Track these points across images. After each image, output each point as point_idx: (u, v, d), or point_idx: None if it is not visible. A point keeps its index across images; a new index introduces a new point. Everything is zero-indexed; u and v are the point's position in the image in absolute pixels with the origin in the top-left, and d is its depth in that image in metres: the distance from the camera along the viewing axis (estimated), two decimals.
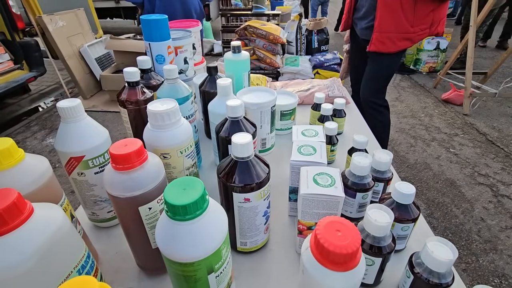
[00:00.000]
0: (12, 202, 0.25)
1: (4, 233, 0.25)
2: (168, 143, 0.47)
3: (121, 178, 0.37)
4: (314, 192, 0.41)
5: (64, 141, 0.44)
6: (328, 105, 0.75)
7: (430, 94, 2.78)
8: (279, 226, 0.55)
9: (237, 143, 0.40)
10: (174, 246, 0.30)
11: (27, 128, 2.62)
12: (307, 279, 0.29)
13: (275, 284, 0.45)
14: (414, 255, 0.40)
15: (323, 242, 0.26)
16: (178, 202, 0.28)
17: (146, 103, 0.59)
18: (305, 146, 0.52)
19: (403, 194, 0.43)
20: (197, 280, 0.32)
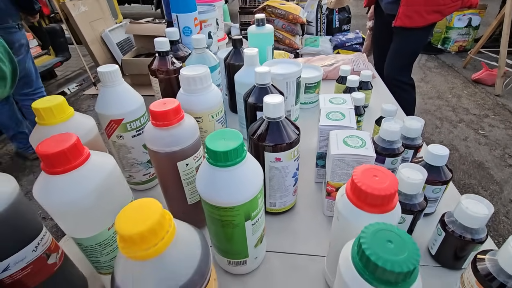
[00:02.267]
0: (73, 143, 0.27)
1: (69, 170, 0.27)
2: (200, 107, 0.49)
3: (161, 134, 0.39)
4: (345, 152, 0.42)
5: (105, 105, 0.47)
6: (354, 76, 0.74)
7: (459, 75, 2.63)
8: (306, 193, 0.56)
9: (269, 103, 0.41)
10: (216, 191, 0.32)
11: None
12: (342, 224, 0.30)
13: (303, 243, 0.46)
14: (446, 214, 0.40)
15: (361, 185, 0.27)
16: (219, 149, 0.30)
17: (176, 73, 0.61)
18: (334, 112, 0.52)
19: (436, 156, 0.43)
20: (235, 226, 0.34)
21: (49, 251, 0.33)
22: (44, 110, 0.35)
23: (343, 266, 0.24)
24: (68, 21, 2.90)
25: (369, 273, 0.22)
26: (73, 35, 3.04)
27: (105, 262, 0.33)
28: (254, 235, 0.37)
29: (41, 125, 0.36)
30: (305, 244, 0.46)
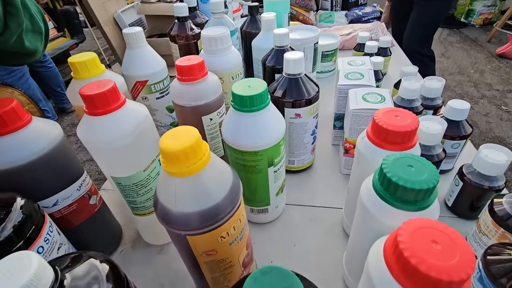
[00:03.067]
0: (112, 87, 0.30)
1: (108, 112, 0.30)
2: (221, 68, 0.50)
3: (187, 89, 0.41)
4: (364, 107, 0.42)
5: (130, 66, 0.49)
6: (373, 42, 0.73)
7: (482, 49, 2.50)
8: (323, 154, 0.57)
9: (290, 59, 0.42)
10: (241, 136, 0.34)
11: None
12: (363, 166, 0.32)
13: (321, 197, 0.48)
14: (464, 165, 0.40)
15: (382, 124, 0.28)
16: (246, 94, 0.32)
17: (195, 38, 0.63)
18: (353, 72, 0.52)
19: (456, 110, 0.43)
20: (258, 172, 0.36)
21: (90, 192, 0.37)
22: (79, 64, 0.37)
23: (364, 195, 0.26)
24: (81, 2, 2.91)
25: (390, 195, 0.23)
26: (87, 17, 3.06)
27: (140, 203, 0.36)
28: (276, 183, 0.39)
29: (76, 79, 0.39)
30: (323, 198, 0.48)
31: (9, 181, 0.29)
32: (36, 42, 0.39)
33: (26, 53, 0.39)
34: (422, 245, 0.18)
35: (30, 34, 0.39)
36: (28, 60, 0.42)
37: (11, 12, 0.34)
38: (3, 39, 0.34)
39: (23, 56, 0.40)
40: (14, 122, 0.28)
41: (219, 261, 0.27)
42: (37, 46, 0.39)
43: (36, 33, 0.40)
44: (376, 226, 0.25)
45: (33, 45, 0.39)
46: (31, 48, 0.39)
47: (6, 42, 0.35)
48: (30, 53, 0.40)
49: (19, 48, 0.37)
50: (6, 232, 0.25)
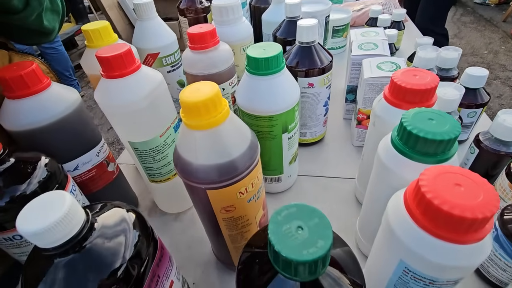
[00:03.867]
0: (128, 50, 0.30)
1: (125, 75, 0.30)
2: (232, 38, 0.49)
3: (200, 57, 0.40)
4: (379, 76, 0.42)
5: (142, 38, 0.49)
6: (386, 15, 0.70)
7: (498, 29, 2.41)
8: (334, 128, 0.57)
9: (303, 26, 0.41)
10: (256, 100, 0.34)
11: (81, 78, 2.84)
12: (379, 128, 0.32)
13: (333, 169, 0.48)
14: (480, 133, 0.40)
15: (400, 83, 0.28)
16: (261, 56, 0.31)
17: (204, 12, 0.62)
18: (366, 43, 0.51)
19: (473, 77, 0.42)
20: (273, 138, 0.37)
21: (108, 159, 0.38)
22: (92, 32, 0.37)
23: (383, 152, 0.26)
24: None
25: (409, 148, 0.23)
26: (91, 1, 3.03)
27: (157, 169, 0.37)
28: (290, 151, 0.40)
29: (90, 48, 0.39)
30: (335, 169, 0.48)
31: (31, 142, 0.30)
32: (54, 21, 0.39)
33: (43, 32, 0.39)
34: (444, 188, 0.18)
35: (49, 13, 0.39)
36: (44, 40, 0.42)
37: None
38: (24, 16, 0.35)
39: (40, 35, 0.40)
40: (35, 85, 0.29)
41: (237, 218, 0.28)
42: (55, 26, 0.40)
43: (55, 12, 0.40)
44: (394, 181, 0.25)
45: (51, 24, 0.39)
46: (49, 27, 0.39)
47: (26, 19, 0.35)
48: (47, 32, 0.40)
49: (37, 25, 0.37)
50: (32, 187, 0.26)
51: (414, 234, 0.19)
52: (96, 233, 0.18)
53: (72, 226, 0.16)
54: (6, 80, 0.28)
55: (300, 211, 0.16)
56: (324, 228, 0.15)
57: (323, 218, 0.15)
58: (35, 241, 0.15)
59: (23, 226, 0.15)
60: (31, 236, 0.15)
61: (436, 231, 0.18)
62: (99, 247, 0.18)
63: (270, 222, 0.15)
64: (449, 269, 0.19)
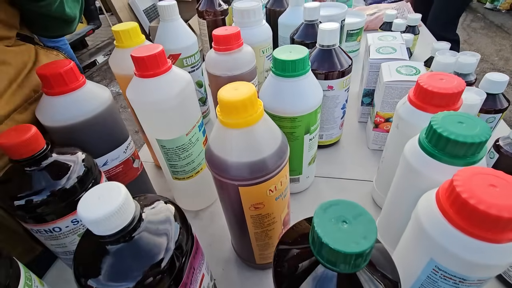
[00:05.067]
0: (161, 50, 0.31)
1: (158, 74, 0.31)
2: (252, 40, 0.50)
3: (223, 58, 0.41)
4: (399, 79, 0.42)
5: (164, 39, 0.50)
6: (400, 20, 0.71)
7: (509, 35, 2.39)
8: (350, 131, 0.58)
9: (325, 29, 0.42)
10: (281, 101, 0.34)
11: (90, 78, 2.89)
12: (404, 130, 0.32)
13: (350, 171, 0.49)
14: (500, 138, 0.40)
15: (427, 86, 0.29)
16: (288, 59, 0.32)
17: (223, 15, 0.63)
18: (384, 47, 0.52)
19: (494, 82, 0.42)
20: (295, 139, 0.37)
21: (134, 156, 0.39)
22: (123, 32, 0.39)
23: (409, 154, 0.26)
24: None
25: (438, 150, 0.24)
26: (103, 2, 3.08)
27: (181, 167, 0.38)
28: (310, 152, 0.40)
29: (119, 48, 0.40)
30: (351, 172, 0.49)
31: (67, 137, 0.31)
32: (76, 9, 0.41)
33: (66, 19, 0.41)
34: (479, 188, 0.18)
35: (70, 1, 0.40)
36: (67, 30, 0.43)
37: None
38: (47, 2, 0.36)
39: (63, 24, 0.42)
40: (73, 82, 0.30)
41: (265, 216, 0.28)
42: (76, 13, 0.41)
43: (76, 1, 0.41)
44: (422, 183, 0.25)
45: (73, 12, 0.41)
46: (71, 15, 0.40)
47: (50, 6, 0.36)
48: (69, 20, 0.41)
49: (60, 12, 0.39)
50: (71, 182, 0.27)
51: (448, 233, 0.19)
52: (144, 224, 0.19)
53: (126, 216, 0.17)
54: (46, 77, 0.29)
55: (344, 207, 0.17)
56: (368, 222, 0.16)
57: (366, 213, 0.16)
58: (93, 227, 0.16)
59: (84, 213, 0.16)
60: (91, 223, 0.16)
61: (471, 230, 0.18)
62: (146, 237, 0.19)
63: (315, 216, 0.16)
64: (481, 268, 0.19)
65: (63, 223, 0.27)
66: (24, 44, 0.36)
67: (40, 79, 0.29)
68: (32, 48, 0.37)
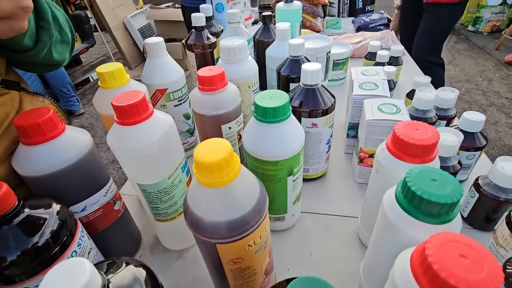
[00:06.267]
0: (143, 98, 0.31)
1: (139, 121, 0.31)
2: (238, 77, 0.51)
3: (208, 98, 0.42)
4: (380, 118, 0.43)
5: (151, 75, 0.51)
6: (384, 51, 0.74)
7: (491, 57, 2.49)
8: (336, 162, 0.58)
9: (308, 70, 0.43)
10: (263, 146, 0.35)
11: (83, 96, 2.88)
12: (382, 176, 0.33)
13: (336, 206, 0.49)
14: (480, 177, 0.41)
15: (403, 137, 0.29)
16: (269, 106, 0.33)
17: (211, 47, 0.64)
18: (367, 82, 0.53)
19: (471, 121, 0.43)
20: (278, 181, 0.37)
21: (115, 198, 0.38)
22: (107, 74, 0.39)
23: (387, 207, 0.27)
24: (92, 7, 2.98)
25: (413, 208, 0.24)
26: (97, 21, 3.12)
27: (163, 209, 0.37)
28: (294, 192, 0.40)
29: (103, 88, 0.40)
30: (337, 207, 0.49)
31: (43, 187, 0.31)
32: (64, 52, 0.41)
33: (54, 64, 0.41)
34: (450, 259, 0.18)
35: (58, 45, 0.40)
36: (55, 69, 0.43)
37: (43, 26, 0.36)
38: (35, 52, 0.36)
39: (51, 67, 0.42)
40: (51, 131, 0.30)
41: (244, 269, 0.28)
42: (65, 56, 0.41)
43: (65, 43, 0.41)
44: (399, 238, 0.25)
45: (61, 56, 0.41)
46: (59, 60, 0.40)
47: (38, 55, 0.36)
48: (58, 63, 0.41)
49: (48, 59, 0.39)
50: (44, 238, 0.26)
51: None
52: None
53: None
54: (24, 128, 0.29)
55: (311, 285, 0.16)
56: None
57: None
58: None
59: None
60: None
61: None
62: None
63: None
64: None
65: (33, 283, 0.26)
66: (8, 92, 0.35)
67: (17, 129, 0.29)
68: (16, 96, 0.36)
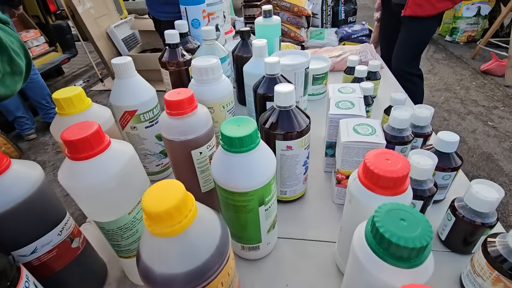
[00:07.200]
0: (96, 130, 0.29)
1: (92, 156, 0.28)
2: (211, 97, 0.50)
3: (176, 123, 0.40)
4: (355, 140, 0.42)
5: (119, 96, 0.48)
6: (362, 66, 0.74)
7: (468, 66, 2.59)
8: (315, 182, 0.57)
9: (281, 92, 0.42)
10: (231, 177, 0.33)
11: None
12: (355, 207, 0.31)
13: (314, 230, 0.47)
14: (456, 199, 0.40)
15: (373, 168, 0.28)
16: (234, 135, 0.31)
17: (186, 65, 0.62)
18: (343, 101, 0.53)
19: (446, 142, 0.43)
20: (249, 211, 0.35)
21: (72, 235, 0.35)
22: (64, 100, 0.36)
23: (357, 246, 0.25)
24: (74, 17, 2.92)
25: (383, 250, 0.22)
26: (79, 31, 3.06)
27: (125, 246, 0.34)
28: (267, 221, 0.38)
29: (61, 115, 0.38)
30: (315, 231, 0.47)
31: None
32: (15, 84, 0.38)
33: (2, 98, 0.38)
34: None
35: (8, 79, 0.37)
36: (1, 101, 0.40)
37: None
38: None
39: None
40: None
41: None
42: (15, 88, 0.38)
43: (16, 74, 0.39)
44: (369, 279, 0.24)
45: (10, 89, 0.38)
46: (7, 94, 0.38)
47: None
48: (6, 97, 0.38)
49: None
50: None
51: None
52: None
53: None
54: None
55: None
56: None
57: None
58: None
59: None
60: None
61: None
62: None
63: None
64: None
65: None
66: None
67: None
68: None
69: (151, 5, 1.14)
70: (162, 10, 1.09)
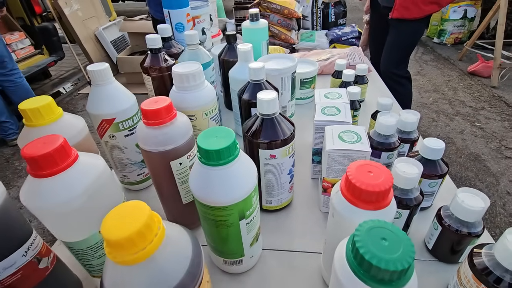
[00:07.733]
0: (60, 145, 0.27)
1: (56, 172, 0.27)
2: (193, 105, 0.48)
3: (154, 133, 0.38)
4: (340, 148, 0.41)
5: (96, 104, 0.46)
6: (350, 71, 0.73)
7: (455, 67, 2.63)
8: (302, 189, 0.55)
9: (263, 99, 0.40)
10: (209, 191, 0.31)
11: None
12: (338, 221, 0.30)
13: (300, 240, 0.46)
14: (442, 207, 0.39)
15: (355, 182, 0.27)
16: (211, 147, 0.29)
17: (169, 70, 0.60)
18: (329, 107, 0.52)
19: (432, 149, 0.42)
20: (229, 226, 0.34)
21: (40, 255, 0.33)
22: (31, 111, 0.34)
23: (338, 265, 0.24)
24: (60, 19, 2.85)
25: (363, 272, 0.21)
26: (67, 33, 2.99)
27: (97, 266, 0.32)
28: (249, 234, 0.37)
29: (28, 127, 0.36)
30: (301, 241, 0.46)
31: None
32: None
33: None
34: None
35: None
36: None
37: None
38: None
39: None
40: None
41: None
42: None
43: None
44: None
45: None
46: None
47: None
48: None
49: None
50: None
51: None
52: None
53: None
54: None
55: None
56: None
57: None
58: None
59: None
60: None
61: None
62: None
63: None
64: None
65: None
66: None
67: None
68: None
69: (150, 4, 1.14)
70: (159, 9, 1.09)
